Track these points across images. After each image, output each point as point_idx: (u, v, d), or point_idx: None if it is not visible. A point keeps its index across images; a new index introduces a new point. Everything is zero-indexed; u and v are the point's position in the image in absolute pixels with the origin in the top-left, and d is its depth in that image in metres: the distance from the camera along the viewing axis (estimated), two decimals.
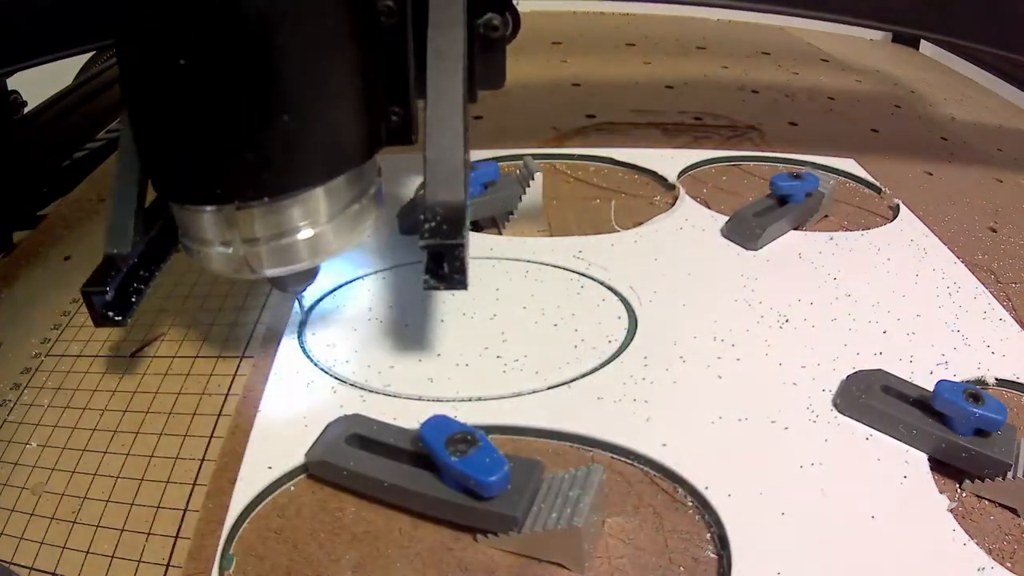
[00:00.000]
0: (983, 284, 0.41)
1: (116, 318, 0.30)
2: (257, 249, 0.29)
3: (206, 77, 0.25)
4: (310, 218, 0.29)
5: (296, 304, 0.39)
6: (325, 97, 0.27)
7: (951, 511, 0.28)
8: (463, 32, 0.29)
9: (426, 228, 0.26)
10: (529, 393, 0.33)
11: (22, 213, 0.55)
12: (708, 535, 0.27)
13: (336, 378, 0.34)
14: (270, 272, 0.30)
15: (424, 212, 0.27)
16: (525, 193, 0.45)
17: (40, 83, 0.59)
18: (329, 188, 0.29)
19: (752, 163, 0.56)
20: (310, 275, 0.33)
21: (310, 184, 0.28)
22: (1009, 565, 0.26)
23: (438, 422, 0.28)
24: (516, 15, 0.32)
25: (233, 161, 0.26)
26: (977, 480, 0.29)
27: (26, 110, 0.58)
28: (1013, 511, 0.28)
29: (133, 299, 0.31)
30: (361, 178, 0.30)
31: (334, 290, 0.40)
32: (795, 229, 0.46)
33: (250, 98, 0.25)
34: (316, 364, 0.35)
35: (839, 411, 0.32)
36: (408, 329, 0.37)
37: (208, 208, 0.28)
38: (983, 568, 0.26)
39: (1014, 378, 0.34)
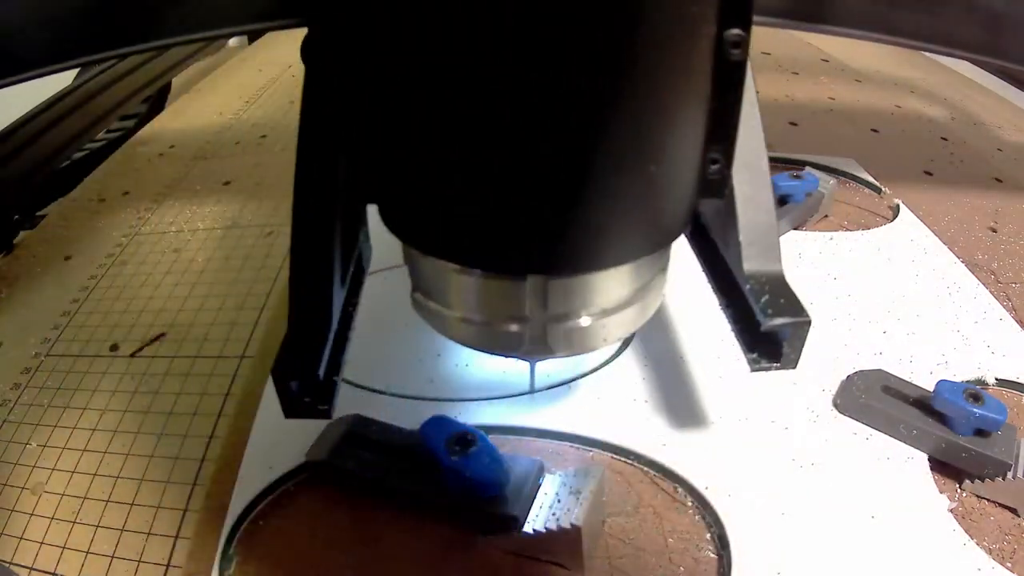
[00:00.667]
0: (983, 284, 0.41)
1: (317, 409, 0.23)
2: (562, 327, 0.23)
3: (574, 113, 0.18)
4: (624, 291, 0.23)
5: (531, 374, 0.34)
6: (683, 143, 0.21)
7: (951, 511, 0.28)
8: (750, 73, 0.23)
9: (764, 303, 0.23)
10: (529, 393, 0.33)
11: (24, 211, 0.55)
12: (708, 535, 0.27)
13: None
14: (566, 353, 0.24)
15: (749, 283, 0.23)
16: None
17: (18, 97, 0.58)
18: (647, 258, 0.23)
19: None
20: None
21: (646, 251, 0.22)
22: (1009, 565, 0.26)
23: (438, 422, 0.28)
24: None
25: (576, 222, 0.20)
26: (977, 480, 0.29)
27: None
28: (1013, 511, 0.28)
29: (335, 379, 0.24)
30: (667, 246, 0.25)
31: None
32: (795, 229, 0.46)
33: (626, 136, 0.19)
34: None
35: (839, 411, 0.32)
36: (408, 329, 0.37)
37: (509, 277, 0.22)
38: (983, 568, 0.26)
39: (1014, 378, 0.34)
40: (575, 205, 0.20)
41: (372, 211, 0.25)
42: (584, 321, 0.23)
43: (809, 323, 0.24)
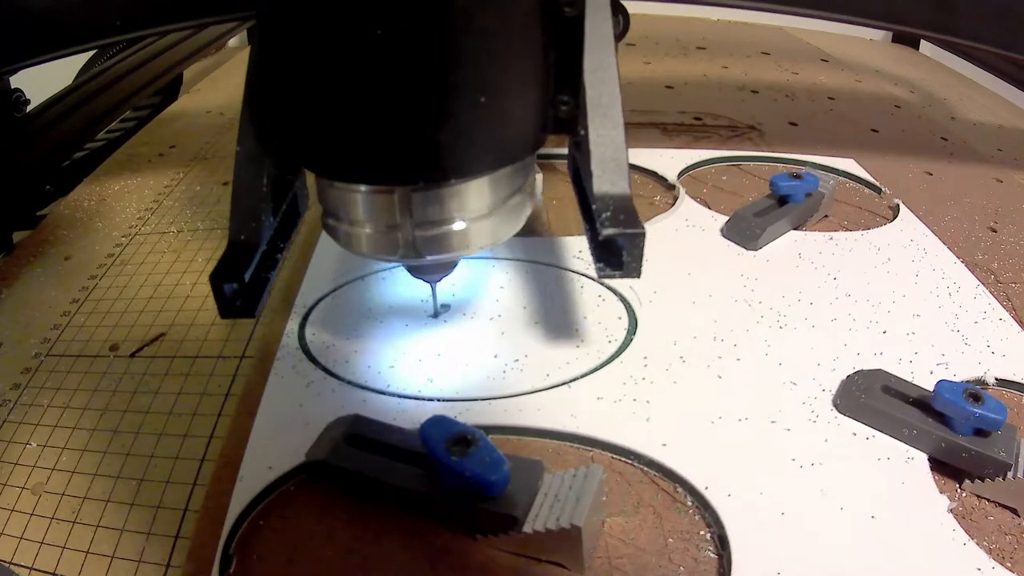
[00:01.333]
0: (983, 284, 0.41)
1: (245, 310, 0.28)
2: (428, 233, 0.28)
3: (413, 51, 0.24)
4: (479, 205, 0.29)
5: (432, 297, 0.38)
6: (514, 82, 0.26)
7: (951, 511, 0.28)
8: (611, 28, 0.29)
9: (605, 218, 0.27)
10: (529, 393, 0.33)
11: (23, 212, 0.55)
12: (708, 535, 0.27)
13: (336, 378, 0.34)
14: (432, 258, 0.29)
15: (596, 203, 0.28)
16: None
17: (43, 81, 0.59)
18: (498, 176, 0.28)
19: (752, 163, 0.56)
20: (452, 265, 0.34)
21: (490, 169, 0.28)
22: (1009, 565, 0.26)
23: (438, 422, 0.28)
24: (627, 15, 0.32)
25: (426, 140, 0.25)
26: (977, 480, 0.29)
27: (29, 108, 0.58)
28: (1013, 511, 0.28)
29: (262, 288, 0.29)
30: (523, 169, 0.30)
31: (334, 290, 0.40)
32: (795, 229, 0.46)
33: (455, 76, 0.24)
34: (316, 364, 0.35)
35: (839, 411, 0.32)
36: (408, 329, 0.37)
37: (381, 189, 0.27)
38: (983, 568, 0.26)
39: (1014, 378, 0.34)
40: (424, 128, 0.25)
41: None
42: (446, 228, 0.28)
43: (643, 234, 0.28)
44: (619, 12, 0.32)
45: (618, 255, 0.29)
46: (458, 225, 0.29)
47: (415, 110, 0.25)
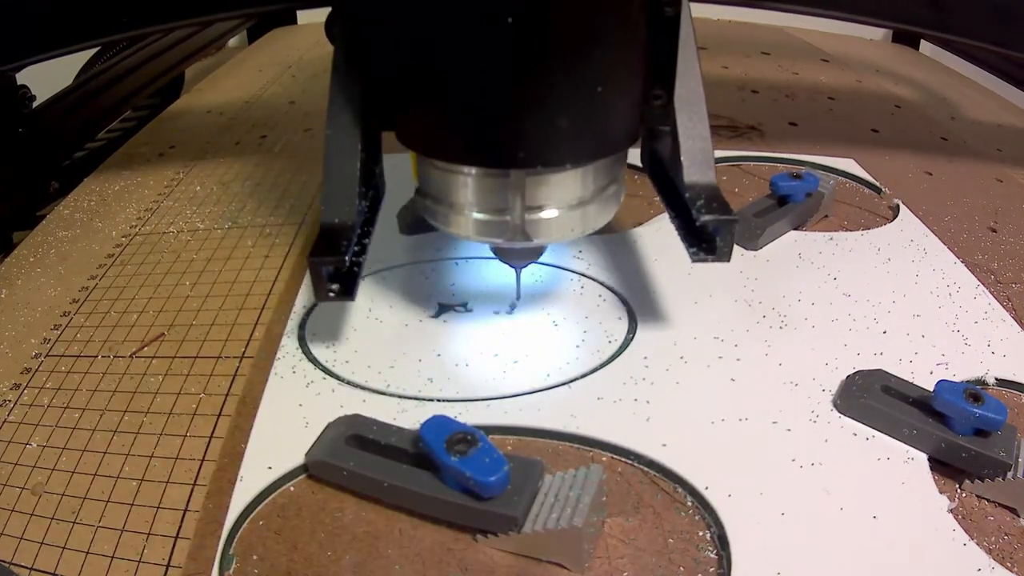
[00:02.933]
0: (983, 284, 0.41)
1: (343, 293, 0.29)
2: (536, 217, 0.30)
3: (539, 41, 0.25)
4: (584, 191, 0.31)
5: (516, 282, 0.39)
6: (622, 76, 0.29)
7: (951, 511, 0.28)
8: (692, 27, 0.32)
9: (700, 206, 0.30)
10: (529, 393, 0.33)
11: (24, 211, 0.56)
12: (708, 535, 0.27)
13: (336, 378, 0.34)
14: (539, 241, 0.31)
15: (688, 192, 0.31)
16: None
17: (43, 80, 0.59)
18: (603, 163, 0.31)
19: (752, 163, 0.56)
20: (540, 252, 0.35)
21: (598, 156, 0.30)
22: (1009, 565, 0.26)
23: (438, 422, 0.28)
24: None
25: (544, 127, 0.27)
26: (977, 480, 0.29)
27: (35, 104, 0.59)
28: (1013, 511, 0.28)
29: (356, 271, 0.30)
30: (620, 160, 0.32)
31: None
32: (795, 229, 0.46)
33: (577, 66, 0.26)
34: (316, 364, 0.35)
35: (839, 411, 0.32)
36: (408, 329, 0.37)
37: (488, 172, 0.29)
38: (983, 568, 0.26)
39: (1014, 378, 0.34)
40: (540, 116, 0.27)
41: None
42: (552, 213, 0.30)
43: (736, 221, 0.30)
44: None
45: (711, 240, 0.31)
46: (563, 211, 0.30)
47: (539, 99, 0.27)
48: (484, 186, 0.30)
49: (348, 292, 0.29)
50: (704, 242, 0.31)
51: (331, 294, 0.29)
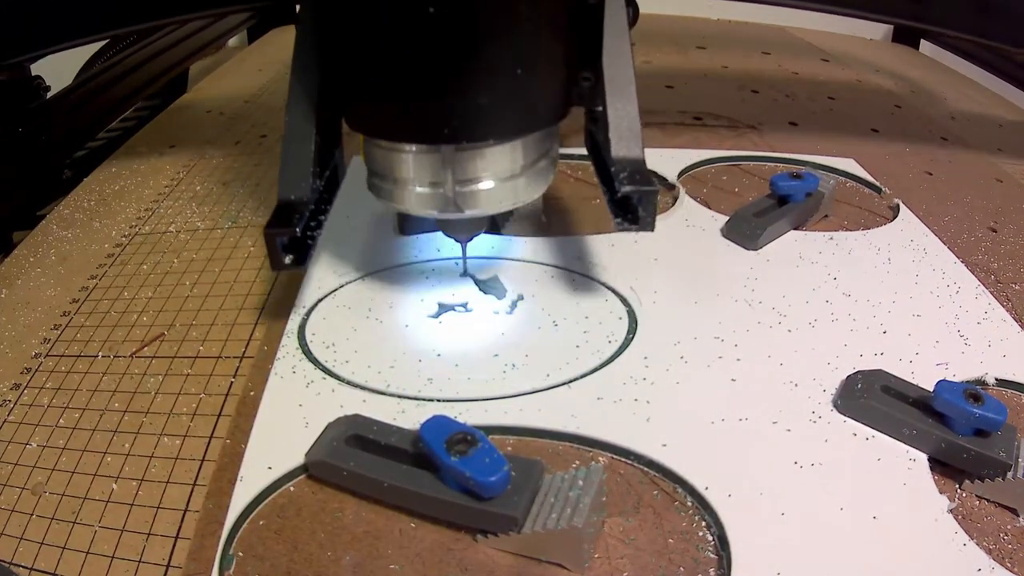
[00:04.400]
0: (983, 284, 0.41)
1: (296, 262, 0.32)
2: (467, 190, 0.32)
3: (463, 24, 0.28)
4: (514, 165, 0.33)
5: (463, 256, 0.41)
6: (547, 56, 0.31)
7: (951, 511, 0.28)
8: (626, 17, 0.34)
9: (622, 178, 0.32)
10: (529, 393, 0.33)
11: (25, 210, 0.56)
12: (708, 535, 0.27)
13: (336, 378, 0.34)
14: (471, 213, 0.33)
15: (614, 165, 0.32)
16: None
17: (64, 67, 0.59)
18: (531, 139, 0.33)
19: (752, 163, 0.56)
20: (482, 225, 0.37)
21: (524, 132, 0.32)
22: (1009, 565, 0.26)
23: (438, 422, 0.28)
24: (636, 7, 0.36)
25: (471, 104, 0.30)
26: (977, 480, 0.29)
27: (49, 95, 0.59)
28: (1013, 511, 0.28)
29: (309, 243, 0.33)
30: (549, 137, 0.35)
31: (334, 290, 0.40)
32: (795, 229, 0.46)
33: (498, 48, 0.29)
34: (316, 364, 0.35)
35: (839, 411, 0.32)
36: (408, 329, 0.37)
37: (423, 148, 0.32)
38: (983, 568, 0.26)
39: (1014, 378, 0.34)
40: (464, 95, 0.29)
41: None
42: (484, 185, 0.33)
43: (656, 191, 0.32)
44: (630, 3, 0.36)
45: (634, 211, 0.33)
46: (493, 183, 0.33)
47: (464, 78, 0.29)
48: (420, 162, 0.32)
49: (301, 261, 0.32)
50: (628, 212, 0.33)
51: (286, 263, 0.32)
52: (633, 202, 0.32)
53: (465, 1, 0.28)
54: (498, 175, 0.33)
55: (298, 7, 0.34)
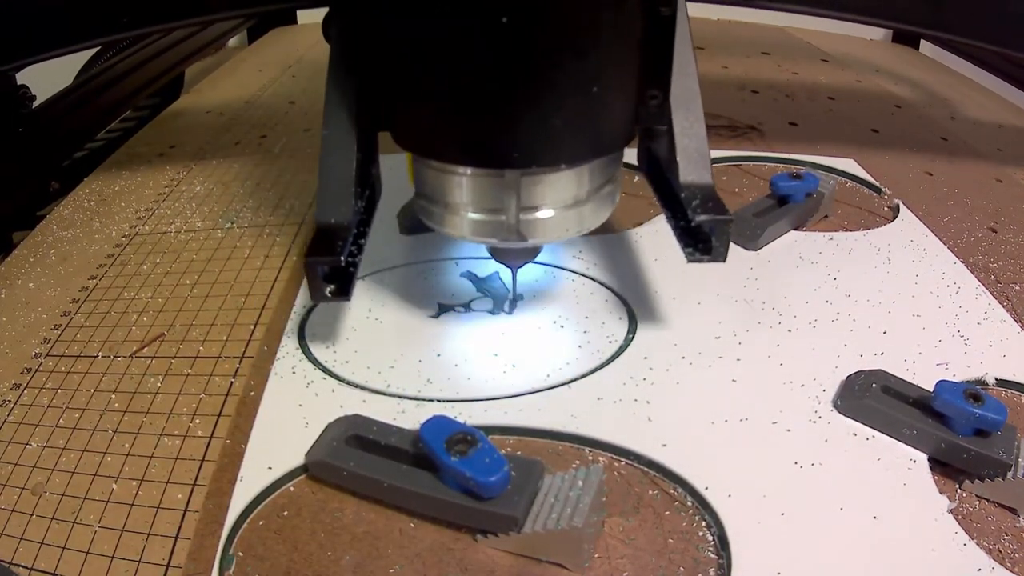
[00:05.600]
0: (983, 284, 0.41)
1: (339, 293, 0.29)
2: (531, 217, 0.30)
3: (533, 42, 0.25)
4: (580, 191, 0.30)
5: (512, 283, 0.38)
6: (617, 76, 0.29)
7: (951, 511, 0.28)
8: (689, 27, 0.31)
9: (695, 206, 0.30)
10: (529, 393, 0.33)
11: (24, 211, 0.56)
12: (708, 535, 0.27)
13: (336, 378, 0.34)
14: (534, 242, 0.31)
15: (684, 192, 0.30)
16: None
17: (49, 77, 0.59)
18: (597, 163, 0.31)
19: (752, 163, 0.56)
20: (536, 252, 0.35)
21: (592, 157, 0.30)
22: (1009, 565, 0.26)
23: (438, 422, 0.28)
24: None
25: (540, 127, 0.27)
26: (977, 480, 0.29)
27: (35, 104, 0.59)
28: (1013, 511, 0.28)
29: (351, 271, 0.30)
30: (615, 160, 0.32)
31: None
32: (795, 229, 0.46)
33: (569, 67, 0.26)
34: (316, 364, 0.35)
35: (839, 411, 0.32)
36: (408, 329, 0.37)
37: (483, 172, 0.29)
38: (983, 568, 0.26)
39: (1014, 378, 0.34)
40: (534, 117, 0.27)
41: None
42: (548, 213, 0.30)
43: (731, 220, 0.30)
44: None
45: (707, 240, 0.30)
46: (558, 211, 0.30)
47: (532, 99, 0.27)
48: (479, 186, 0.30)
49: (344, 292, 0.29)
50: (700, 242, 0.31)
51: (328, 294, 0.29)
52: (706, 231, 0.30)
53: (542, 10, 0.25)
54: (564, 202, 0.30)
55: (325, 17, 0.32)
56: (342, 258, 0.29)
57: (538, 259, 0.42)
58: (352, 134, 0.31)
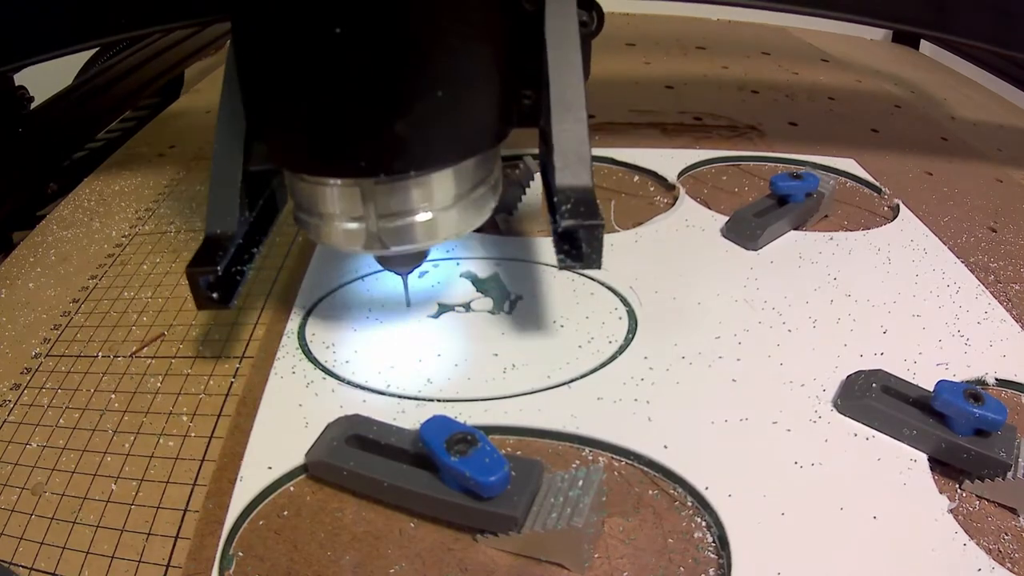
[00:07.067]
0: (983, 284, 0.41)
1: (221, 301, 0.30)
2: (392, 225, 0.29)
3: (369, 48, 0.25)
4: (442, 197, 0.30)
5: (404, 288, 0.38)
6: (475, 76, 0.28)
7: (951, 511, 0.28)
8: (576, 24, 0.30)
9: (564, 210, 0.28)
10: (529, 393, 0.33)
11: (24, 211, 0.56)
12: (708, 535, 0.27)
13: (336, 378, 0.34)
14: (397, 249, 0.30)
15: (557, 195, 0.28)
16: (525, 193, 0.45)
17: (48, 78, 0.59)
18: (463, 167, 0.30)
19: (752, 163, 0.56)
20: (421, 257, 0.34)
21: (452, 161, 0.29)
22: (1009, 565, 0.26)
23: (438, 422, 0.28)
24: (600, 12, 0.33)
25: (384, 134, 0.27)
26: (977, 480, 0.29)
27: (33, 105, 0.59)
28: (1013, 511, 0.28)
29: (238, 279, 0.31)
30: (487, 162, 0.31)
31: (334, 290, 0.40)
32: (795, 229, 0.46)
33: (411, 71, 0.26)
34: (316, 364, 0.35)
35: (839, 411, 0.32)
36: (408, 329, 0.37)
37: (343, 182, 0.28)
38: (983, 568, 0.26)
39: (1014, 378, 0.34)
40: (383, 121, 0.26)
41: None
42: (409, 220, 0.29)
43: (601, 226, 0.28)
44: (592, 8, 0.32)
45: (578, 247, 0.29)
46: (421, 216, 0.29)
47: (374, 104, 0.26)
48: (337, 196, 0.29)
49: (225, 300, 0.30)
50: (572, 248, 0.29)
51: (211, 300, 0.30)
52: (577, 237, 0.29)
53: (373, 19, 0.24)
54: (427, 207, 0.29)
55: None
56: (219, 268, 0.29)
57: (538, 259, 0.42)
58: (239, 149, 0.31)
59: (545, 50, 0.29)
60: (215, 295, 0.29)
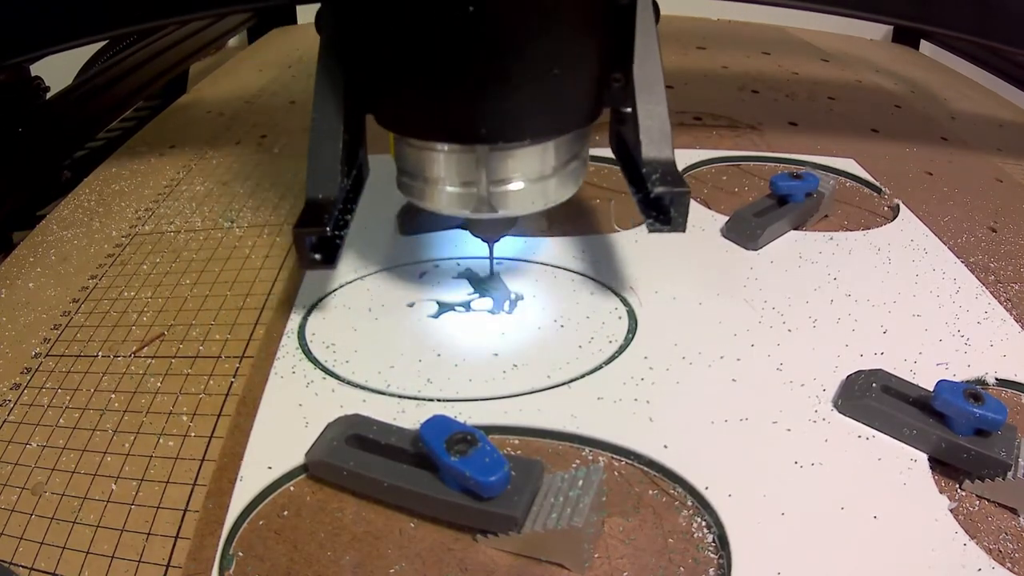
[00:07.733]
0: (983, 284, 0.41)
1: (325, 261, 0.32)
2: (500, 190, 0.32)
3: (501, 29, 0.28)
4: (545, 166, 0.33)
5: (490, 255, 0.41)
6: (582, 58, 0.31)
7: (951, 511, 0.28)
8: (653, 17, 0.34)
9: (655, 179, 0.32)
10: (529, 393, 0.33)
11: (25, 210, 0.56)
12: (708, 535, 0.27)
13: (336, 378, 0.34)
14: (504, 213, 0.33)
15: (645, 167, 0.33)
16: None
17: (63, 68, 0.59)
18: (563, 140, 0.33)
19: (752, 163, 0.56)
20: (510, 224, 0.37)
21: (558, 133, 0.32)
22: (1009, 565, 0.26)
23: (438, 422, 0.28)
24: (657, 7, 0.36)
25: (507, 105, 0.30)
26: (977, 480, 0.29)
27: (49, 95, 0.59)
28: (1013, 511, 0.28)
29: (338, 243, 0.32)
30: (581, 139, 0.35)
31: (334, 290, 0.40)
32: (795, 229, 0.46)
33: (535, 50, 0.29)
34: (316, 364, 0.35)
35: (839, 411, 0.32)
36: (408, 329, 0.37)
37: (458, 148, 0.32)
38: (983, 568, 0.26)
39: (1014, 378, 0.34)
40: (499, 96, 0.30)
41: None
42: (516, 185, 0.33)
43: (688, 192, 0.32)
44: (653, 4, 0.36)
45: (666, 212, 0.32)
46: (527, 184, 0.33)
47: (503, 79, 0.29)
48: (453, 161, 0.32)
49: (330, 260, 0.32)
50: (660, 213, 0.33)
51: (314, 262, 0.31)
52: (665, 203, 0.32)
53: (504, 4, 0.28)
54: (530, 176, 0.33)
55: (318, 8, 0.34)
56: (327, 228, 0.31)
57: (538, 259, 0.42)
58: (339, 117, 0.33)
59: (633, 38, 0.33)
60: (318, 256, 0.31)
